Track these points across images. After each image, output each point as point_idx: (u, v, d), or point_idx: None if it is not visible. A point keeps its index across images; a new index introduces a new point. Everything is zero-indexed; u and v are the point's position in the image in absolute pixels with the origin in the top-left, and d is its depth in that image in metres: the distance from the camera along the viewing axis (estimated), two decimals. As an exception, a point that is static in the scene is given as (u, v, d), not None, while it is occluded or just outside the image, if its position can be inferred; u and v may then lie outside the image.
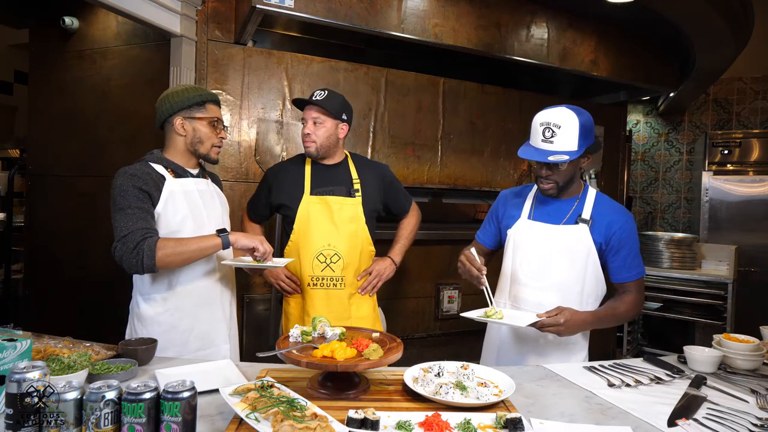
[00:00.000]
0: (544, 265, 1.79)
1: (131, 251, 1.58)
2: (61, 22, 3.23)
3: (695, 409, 1.32)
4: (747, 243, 4.29)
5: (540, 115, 1.71)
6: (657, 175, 5.62)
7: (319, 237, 2.11)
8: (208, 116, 1.81)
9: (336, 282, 2.13)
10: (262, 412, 1.06)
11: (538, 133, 1.70)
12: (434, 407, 1.23)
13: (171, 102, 1.78)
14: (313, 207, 2.13)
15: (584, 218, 1.77)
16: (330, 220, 2.13)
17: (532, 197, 1.91)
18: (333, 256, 2.12)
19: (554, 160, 1.66)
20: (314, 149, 2.12)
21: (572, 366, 1.66)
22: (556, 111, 1.68)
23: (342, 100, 2.16)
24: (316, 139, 2.10)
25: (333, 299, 2.13)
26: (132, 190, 1.64)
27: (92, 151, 3.23)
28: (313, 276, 2.12)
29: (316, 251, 2.11)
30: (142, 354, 1.50)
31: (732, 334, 1.74)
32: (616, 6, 3.11)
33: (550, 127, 1.67)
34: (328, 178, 2.17)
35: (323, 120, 2.10)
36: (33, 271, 3.56)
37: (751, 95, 5.17)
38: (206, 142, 1.81)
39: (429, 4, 2.92)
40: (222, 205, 1.95)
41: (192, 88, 1.82)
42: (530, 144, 1.74)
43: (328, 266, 2.12)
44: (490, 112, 3.60)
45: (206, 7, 2.78)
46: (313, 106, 2.10)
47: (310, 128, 2.11)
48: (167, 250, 1.60)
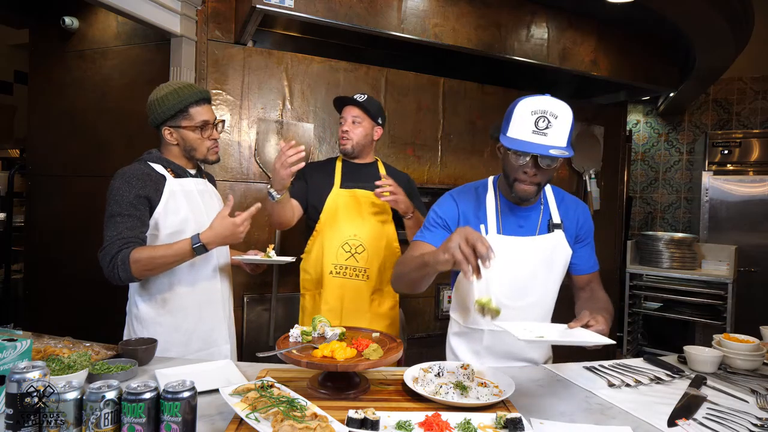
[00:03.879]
0: (525, 284, 1.61)
1: (108, 264, 1.57)
2: (61, 22, 3.23)
3: (695, 409, 1.32)
4: (747, 243, 4.29)
5: (528, 102, 1.43)
6: (657, 175, 5.62)
7: (346, 227, 2.15)
8: (193, 123, 1.75)
9: (359, 273, 2.15)
10: (262, 412, 1.06)
11: (527, 123, 1.41)
12: (434, 407, 1.23)
13: (156, 111, 1.74)
14: (342, 199, 2.17)
15: (556, 223, 1.63)
16: (358, 212, 2.18)
17: (494, 206, 1.62)
18: (358, 247, 2.15)
19: (557, 155, 1.39)
20: (350, 146, 2.19)
21: (572, 366, 1.66)
22: (548, 100, 1.43)
23: (380, 105, 2.26)
24: (353, 137, 2.18)
25: (353, 291, 2.15)
26: (127, 196, 1.62)
27: (92, 151, 3.23)
28: (336, 264, 2.14)
29: (341, 241, 2.15)
30: (142, 354, 1.50)
31: (732, 334, 1.74)
32: (616, 6, 3.11)
33: (545, 117, 1.40)
34: (358, 175, 2.23)
35: (362, 119, 2.18)
36: (33, 271, 3.56)
37: (751, 95, 5.17)
38: (199, 148, 1.79)
39: (429, 4, 2.92)
40: (220, 205, 1.94)
41: (173, 93, 1.73)
42: (513, 135, 1.43)
43: (352, 256, 2.15)
44: (490, 112, 3.60)
45: (206, 7, 2.78)
46: (353, 105, 2.18)
47: (349, 126, 2.18)
48: (140, 264, 1.57)
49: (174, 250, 1.62)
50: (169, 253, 1.61)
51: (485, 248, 1.23)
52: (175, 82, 1.83)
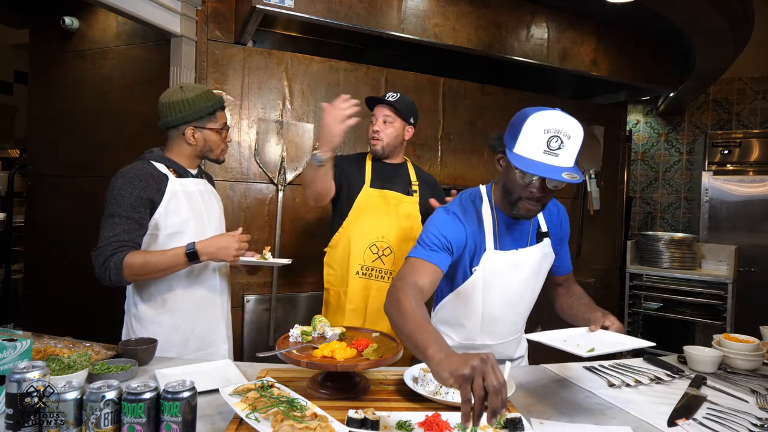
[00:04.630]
0: (518, 295, 1.61)
1: (101, 266, 1.58)
2: (61, 22, 3.23)
3: (695, 409, 1.32)
4: (747, 243, 4.29)
5: (540, 118, 1.32)
6: (657, 175, 5.62)
7: (374, 228, 2.13)
8: (218, 126, 1.80)
9: (385, 275, 2.14)
10: (262, 412, 1.06)
11: (538, 141, 1.31)
12: (434, 407, 1.23)
13: (183, 112, 1.73)
14: (372, 199, 2.14)
15: (544, 231, 1.62)
16: (387, 214, 2.15)
17: (491, 220, 1.54)
18: (386, 249, 2.14)
19: (570, 180, 1.29)
20: (380, 147, 2.15)
21: (572, 366, 1.66)
22: (561, 117, 1.32)
23: (412, 103, 2.21)
24: (384, 137, 2.14)
25: (377, 291, 2.13)
26: (128, 197, 1.62)
27: (92, 151, 3.23)
28: (363, 265, 2.13)
29: (369, 241, 2.12)
30: (142, 354, 1.50)
31: (732, 334, 1.74)
32: (616, 6, 3.11)
33: (559, 137, 1.30)
34: (388, 175, 2.19)
35: (393, 119, 2.15)
36: (33, 271, 3.56)
37: (751, 95, 5.17)
38: (216, 149, 1.83)
39: (429, 4, 2.92)
40: (219, 205, 1.95)
41: (203, 96, 1.76)
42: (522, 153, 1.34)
43: (379, 258, 2.13)
44: (490, 112, 3.60)
45: (206, 7, 2.78)
46: (385, 105, 2.14)
47: (380, 126, 2.14)
48: (133, 269, 1.58)
49: (168, 256, 1.62)
50: (162, 260, 1.61)
51: (499, 403, 0.95)
52: (193, 85, 1.83)
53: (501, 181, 1.52)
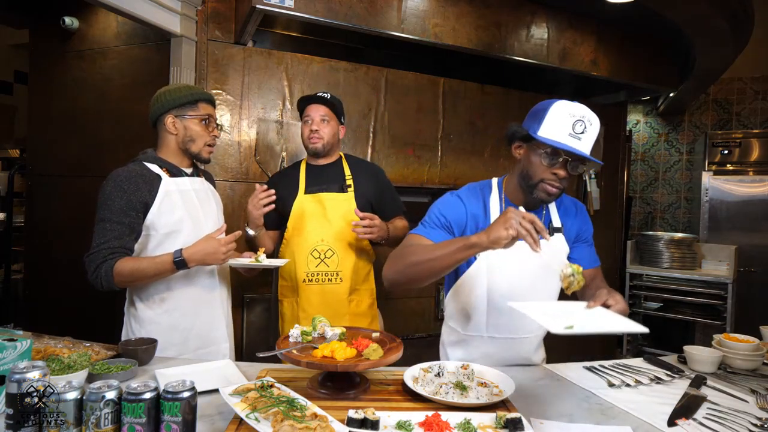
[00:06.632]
0: (526, 289, 1.59)
1: (92, 271, 1.60)
2: (61, 22, 3.23)
3: (695, 409, 1.32)
4: (747, 243, 4.29)
5: (565, 105, 1.42)
6: (657, 175, 5.62)
7: (312, 233, 2.14)
8: (200, 114, 1.78)
9: (332, 277, 2.14)
10: (262, 412, 1.06)
11: (564, 124, 1.40)
12: (434, 407, 1.23)
13: (162, 100, 1.76)
14: (307, 205, 2.16)
15: (557, 227, 1.62)
16: (323, 217, 2.15)
17: (498, 209, 1.58)
18: (327, 251, 2.14)
19: (596, 159, 1.40)
20: (321, 145, 2.15)
21: (572, 366, 1.66)
22: (583, 106, 1.44)
23: (342, 103, 2.24)
24: (324, 136, 2.15)
25: (329, 295, 2.14)
26: (118, 202, 1.62)
27: (92, 151, 3.23)
28: (308, 272, 2.13)
29: (310, 247, 2.14)
30: (142, 354, 1.50)
31: (732, 334, 1.74)
32: (616, 6, 3.11)
33: (583, 122, 1.40)
34: (321, 177, 2.20)
35: (330, 117, 2.16)
36: (33, 271, 3.56)
37: (751, 95, 5.17)
38: (198, 141, 1.79)
39: (429, 4, 2.92)
40: (217, 204, 1.95)
41: (184, 87, 1.80)
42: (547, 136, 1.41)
43: (322, 261, 2.14)
44: (490, 112, 3.60)
45: (206, 7, 2.78)
46: (321, 104, 2.14)
47: (318, 125, 2.14)
48: (123, 276, 1.60)
49: (156, 263, 1.63)
50: (151, 267, 1.62)
51: (540, 223, 1.26)
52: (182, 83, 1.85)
53: (518, 170, 1.56)
